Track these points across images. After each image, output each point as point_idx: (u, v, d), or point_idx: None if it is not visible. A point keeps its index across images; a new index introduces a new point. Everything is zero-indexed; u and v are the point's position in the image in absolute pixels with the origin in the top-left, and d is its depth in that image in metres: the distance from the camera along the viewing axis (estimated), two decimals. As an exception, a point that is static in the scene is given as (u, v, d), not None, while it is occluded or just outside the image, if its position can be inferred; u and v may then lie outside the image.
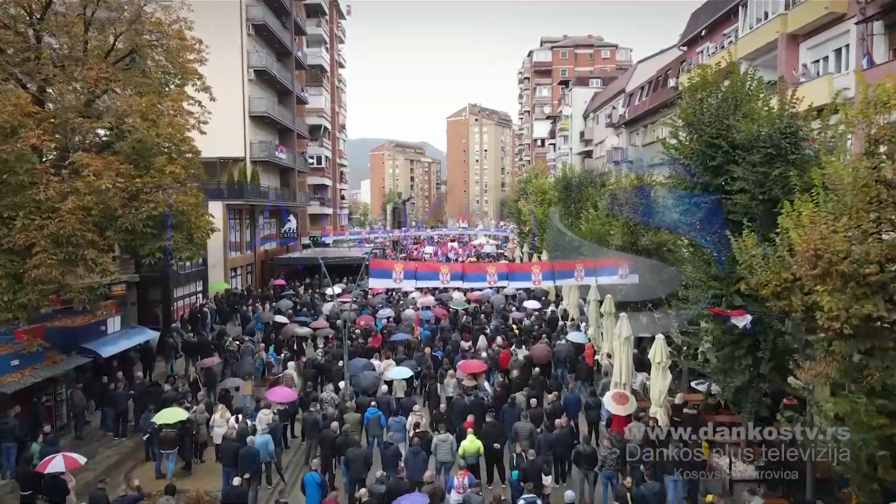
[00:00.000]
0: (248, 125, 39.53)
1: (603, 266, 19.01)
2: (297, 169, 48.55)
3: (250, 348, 23.82)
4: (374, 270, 18.27)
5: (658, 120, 42.46)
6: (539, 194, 45.61)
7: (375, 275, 18.24)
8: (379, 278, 18.21)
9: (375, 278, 18.23)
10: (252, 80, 39.49)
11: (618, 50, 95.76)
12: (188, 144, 19.33)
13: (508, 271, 18.56)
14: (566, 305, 31.46)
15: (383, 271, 18.23)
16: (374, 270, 18.26)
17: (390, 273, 18.11)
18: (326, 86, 62.40)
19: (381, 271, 18.24)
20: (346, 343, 19.28)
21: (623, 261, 18.93)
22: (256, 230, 40.48)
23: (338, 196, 69.07)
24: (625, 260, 18.94)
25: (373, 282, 18.28)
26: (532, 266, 18.83)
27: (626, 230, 19.36)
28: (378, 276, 18.25)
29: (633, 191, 20.07)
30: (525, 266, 18.98)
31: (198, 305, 30.30)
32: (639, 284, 19.93)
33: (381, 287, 23.53)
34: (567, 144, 70.63)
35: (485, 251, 61.25)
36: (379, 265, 18.38)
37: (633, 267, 18.96)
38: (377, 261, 18.04)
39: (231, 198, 35.50)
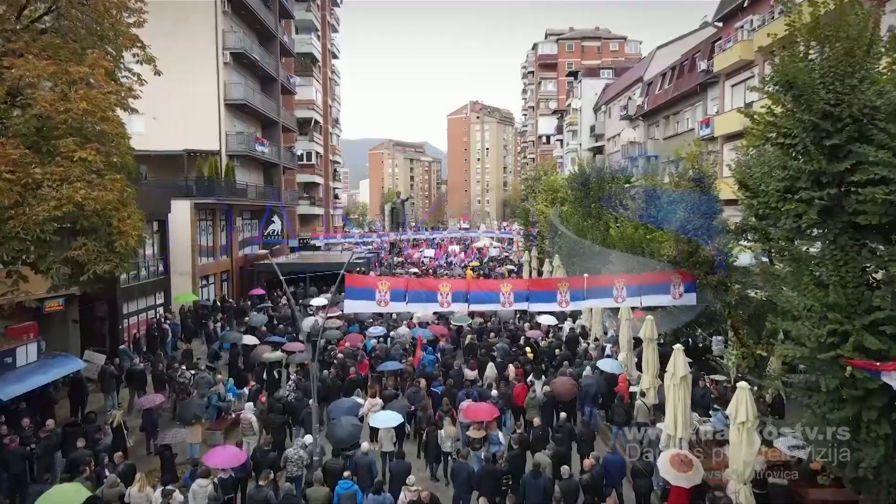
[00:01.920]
0: (224, 114, 35.10)
1: (650, 283, 14.58)
2: (282, 164, 44.08)
3: (206, 380, 19.43)
4: (352, 289, 13.86)
5: (682, 110, 38.10)
6: (549, 192, 41.18)
7: (353, 294, 13.84)
8: (357, 299, 13.79)
9: (353, 300, 13.80)
10: (228, 63, 35.06)
11: (627, 42, 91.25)
12: (112, 124, 14.85)
13: (528, 290, 14.11)
14: (585, 320, 27.09)
15: (363, 290, 13.82)
16: (350, 289, 13.85)
17: (372, 292, 13.73)
18: (318, 76, 57.94)
19: (360, 290, 13.84)
20: (315, 378, 14.82)
21: (676, 276, 14.52)
22: (233, 232, 36.00)
23: (330, 195, 64.59)
24: (679, 275, 14.51)
25: (349, 304, 13.83)
26: (557, 283, 14.37)
27: (681, 237, 14.82)
28: (356, 297, 13.85)
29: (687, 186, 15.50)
30: (548, 283, 14.60)
31: (154, 323, 25.85)
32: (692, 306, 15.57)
33: (360, 311, 18.92)
34: (576, 140, 66.15)
35: (488, 255, 56.80)
36: (357, 282, 13.91)
37: (689, 285, 14.54)
38: (355, 277, 13.78)
39: (201, 196, 31.07)
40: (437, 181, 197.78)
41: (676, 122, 39.63)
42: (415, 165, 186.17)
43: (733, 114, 29.05)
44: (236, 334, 23.68)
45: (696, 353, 19.93)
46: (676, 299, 14.55)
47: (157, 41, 34.45)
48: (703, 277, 14.29)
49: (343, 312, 20.89)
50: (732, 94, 30.23)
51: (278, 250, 44.68)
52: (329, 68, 63.74)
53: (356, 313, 29.28)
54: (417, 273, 44.94)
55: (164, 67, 34.69)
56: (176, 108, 34.00)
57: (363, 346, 23.11)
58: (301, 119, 54.86)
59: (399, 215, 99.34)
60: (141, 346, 24.32)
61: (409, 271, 46.30)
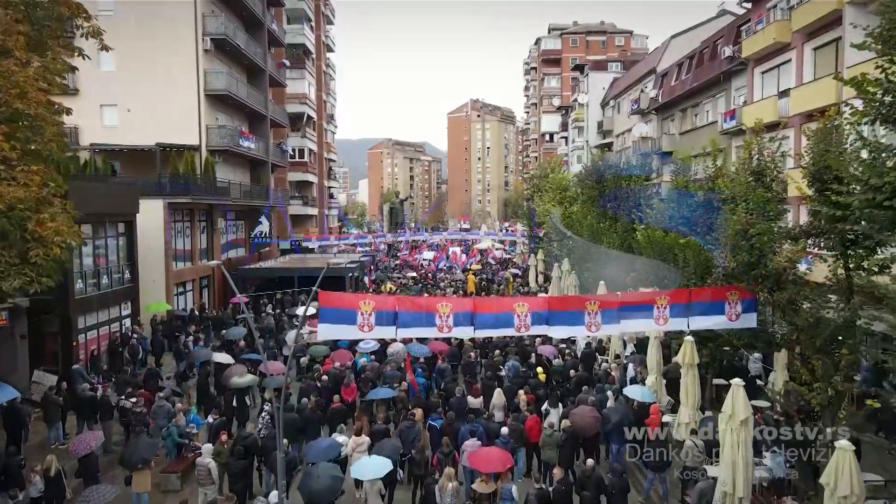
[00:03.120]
0: (205, 105, 32.21)
1: (700, 300, 11.69)
2: (270, 161, 41.17)
3: (165, 409, 16.54)
4: (328, 311, 10.95)
5: (702, 102, 35.18)
6: (557, 191, 38.40)
7: (329, 317, 10.94)
8: (333, 323, 10.89)
9: (328, 323, 10.90)
10: (209, 50, 32.17)
11: (633, 37, 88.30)
12: (30, 104, 11.93)
13: (548, 310, 11.20)
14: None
15: (340, 312, 10.92)
16: (326, 311, 10.95)
17: (353, 315, 10.85)
18: (311, 69, 55.04)
19: (338, 312, 10.93)
20: (280, 410, 11.93)
21: (733, 293, 11.64)
22: (215, 235, 33.10)
23: (325, 194, 61.66)
24: (736, 291, 11.63)
25: (324, 329, 10.91)
26: (584, 302, 11.48)
27: (740, 245, 11.77)
28: (332, 320, 10.95)
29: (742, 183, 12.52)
30: (573, 301, 11.70)
31: (118, 337, 22.94)
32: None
33: (338, 337, 15.96)
34: (582, 137, 63.20)
35: (491, 257, 53.88)
36: (334, 301, 10.97)
37: (748, 303, 11.65)
38: (331, 295, 10.97)
39: (176, 194, 28.17)
40: (438, 181, 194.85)
41: (695, 115, 36.71)
42: (415, 165, 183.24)
43: (764, 104, 26.17)
44: (206, 351, 20.78)
45: (730, 373, 17.09)
46: (733, 321, 11.69)
47: (129, 25, 31.96)
48: (768, 295, 11.39)
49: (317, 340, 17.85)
50: (763, 81, 27.32)
51: (267, 253, 41.83)
52: (323, 61, 60.82)
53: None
54: (415, 277, 42.03)
55: (138, 53, 32.11)
56: (152, 98, 31.29)
57: (352, 365, 20.25)
58: (293, 114, 51.97)
59: (398, 215, 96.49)
60: (100, 365, 21.43)
61: (407, 275, 43.39)
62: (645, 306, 11.51)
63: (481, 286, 37.76)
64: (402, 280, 41.65)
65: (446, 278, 42.21)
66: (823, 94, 21.11)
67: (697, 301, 11.57)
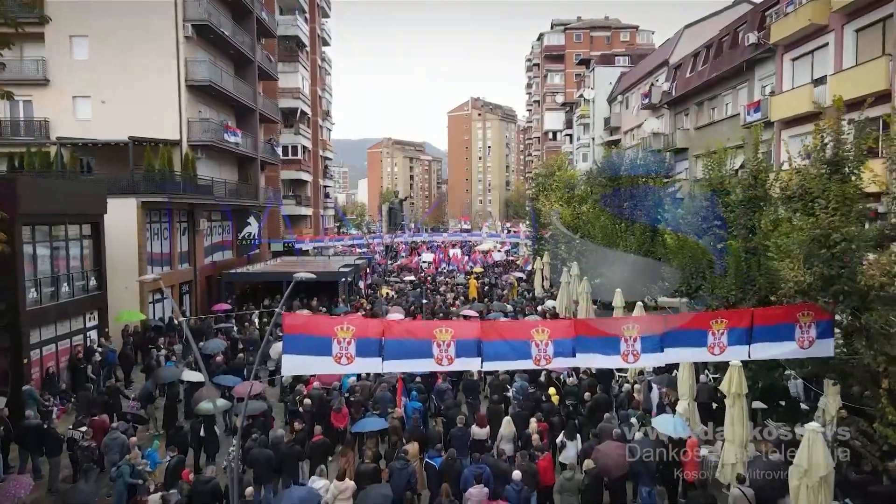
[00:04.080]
0: (186, 97, 29.83)
1: (765, 323, 9.33)
2: (259, 158, 38.76)
3: (119, 441, 14.14)
4: (295, 339, 8.58)
5: (721, 94, 32.80)
6: (565, 190, 35.97)
7: (295, 346, 8.59)
8: (300, 353, 8.53)
9: (295, 354, 8.53)
10: (191, 37, 29.77)
11: (639, 32, 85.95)
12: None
13: (574, 336, 8.83)
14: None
15: (311, 340, 8.56)
16: (292, 339, 8.57)
17: (327, 343, 8.52)
18: (305, 62, 52.63)
19: (307, 340, 8.57)
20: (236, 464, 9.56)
21: (806, 313, 9.27)
22: (198, 237, 30.71)
23: (320, 194, 59.20)
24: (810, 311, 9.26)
25: (289, 363, 8.53)
26: (620, 325, 9.09)
27: (817, 254, 9.29)
28: (300, 349, 8.59)
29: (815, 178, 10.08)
30: (606, 325, 9.27)
31: (79, 352, 20.56)
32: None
33: (307, 372, 13.51)
34: (588, 134, 60.81)
35: (492, 259, 51.45)
36: (302, 326, 8.59)
37: (825, 326, 9.29)
38: (298, 318, 8.75)
39: (151, 193, 25.78)
40: (438, 181, 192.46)
41: (712, 108, 34.32)
42: (415, 164, 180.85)
43: (797, 93, 23.80)
44: (174, 370, 18.36)
45: (769, 394, 14.72)
46: (805, 349, 9.33)
47: (104, 9, 29.45)
48: (854, 316, 9.01)
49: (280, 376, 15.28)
50: (794, 69, 24.93)
51: (257, 256, 39.46)
52: (319, 55, 58.38)
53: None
54: (414, 281, 39.59)
55: (114, 40, 29.65)
56: (129, 89, 28.93)
57: (339, 386, 17.87)
58: (286, 109, 49.65)
59: (397, 216, 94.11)
60: (58, 385, 19.05)
61: (405, 279, 40.96)
62: (697, 332, 9.12)
63: (484, 291, 35.38)
64: (400, 284, 39.25)
65: (447, 282, 39.82)
66: (871, 79, 18.72)
67: (762, 325, 9.19)
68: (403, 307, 28.43)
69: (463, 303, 31.65)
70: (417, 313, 27.94)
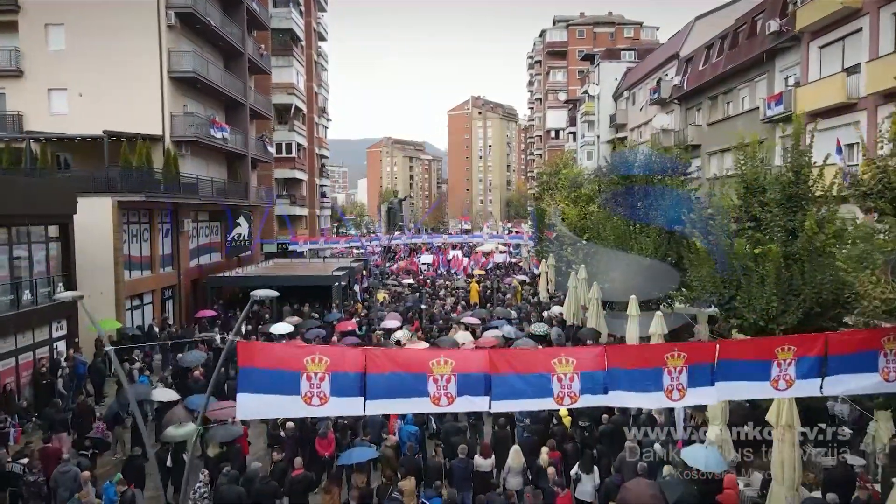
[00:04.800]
0: (169, 90, 28.01)
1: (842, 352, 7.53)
2: (250, 156, 36.93)
3: (71, 474, 12.29)
4: (252, 372, 6.76)
5: (737, 87, 30.99)
6: (571, 189, 34.18)
7: (251, 382, 6.77)
8: (259, 392, 6.72)
9: (252, 393, 6.71)
10: (174, 26, 27.97)
11: (643, 28, 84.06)
12: None
13: (605, 368, 7.03)
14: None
15: (272, 375, 6.75)
16: (249, 372, 6.75)
17: (294, 380, 6.76)
18: (300, 57, 50.78)
19: (268, 375, 6.76)
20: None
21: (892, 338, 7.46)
22: (182, 238, 28.89)
23: (316, 193, 57.34)
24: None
25: (244, 404, 6.70)
26: (664, 354, 7.26)
27: None
28: (259, 388, 6.78)
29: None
30: (645, 353, 7.48)
31: (44, 365, 18.71)
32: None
33: (267, 416, 11.52)
34: (592, 132, 58.95)
35: (494, 261, 49.57)
36: (261, 358, 6.75)
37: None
38: (254, 347, 7.10)
39: (129, 191, 23.96)
40: (438, 180, 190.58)
41: (727, 102, 32.50)
42: (414, 164, 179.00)
43: (826, 83, 21.98)
44: (142, 388, 16.54)
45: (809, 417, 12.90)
46: (891, 381, 7.51)
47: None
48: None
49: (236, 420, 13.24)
50: (822, 57, 23.10)
51: (248, 258, 37.62)
52: (315, 50, 56.55)
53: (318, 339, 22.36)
54: (413, 284, 37.72)
55: (92, 30, 27.81)
56: (108, 81, 27.11)
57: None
58: (280, 105, 47.82)
59: (396, 216, 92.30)
60: (16, 403, 17.22)
61: (403, 282, 39.11)
62: (758, 364, 7.29)
63: (486, 295, 33.54)
64: (398, 288, 37.40)
65: (447, 285, 37.97)
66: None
67: (838, 353, 7.36)
68: (401, 313, 26.65)
69: (464, 308, 29.83)
70: (415, 320, 26.17)
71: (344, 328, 23.35)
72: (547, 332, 22.76)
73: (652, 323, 17.78)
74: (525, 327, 24.00)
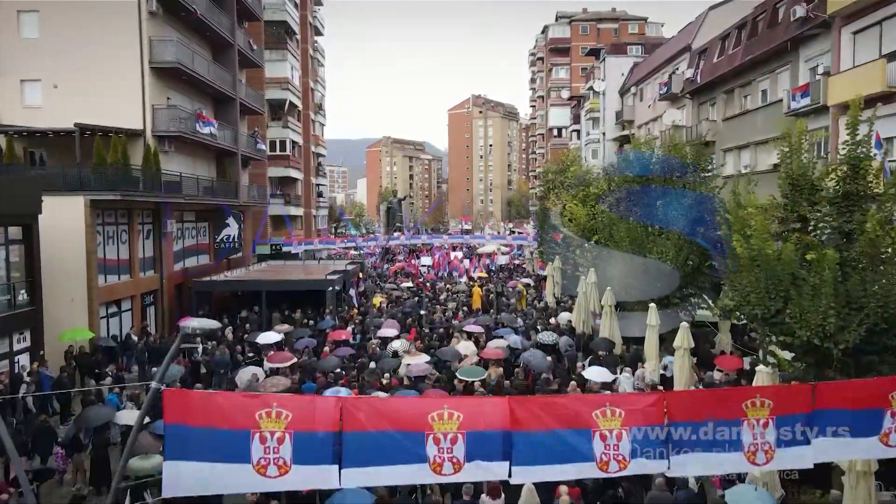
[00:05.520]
0: (151, 82, 26.17)
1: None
2: (240, 153, 35.09)
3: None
4: (179, 432, 4.88)
5: (755, 79, 29.15)
6: (579, 188, 32.33)
7: (180, 448, 4.90)
8: (193, 459, 4.86)
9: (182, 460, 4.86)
10: (156, 13, 26.12)
11: (647, 24, 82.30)
12: None
13: (666, 424, 5.23)
14: (650, 370, 18.25)
15: (210, 436, 4.85)
16: (175, 432, 4.88)
17: (243, 440, 4.86)
18: (295, 51, 48.94)
19: (204, 435, 4.86)
20: None
21: None
22: (165, 240, 27.04)
23: (312, 193, 55.48)
24: None
25: (172, 476, 4.89)
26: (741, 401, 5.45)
27: None
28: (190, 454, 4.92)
29: None
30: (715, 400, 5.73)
31: (2, 382, 16.87)
32: None
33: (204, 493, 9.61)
34: (597, 129, 57.13)
35: (497, 263, 47.70)
36: (198, 414, 4.94)
37: None
38: (183, 396, 5.45)
39: (102, 189, 22.11)
40: (438, 180, 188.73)
41: (744, 95, 30.67)
42: (414, 164, 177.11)
43: (863, 71, 20.14)
44: (106, 410, 14.68)
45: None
46: None
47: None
48: None
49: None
50: (855, 44, 21.27)
51: (239, 261, 35.77)
52: (310, 44, 54.69)
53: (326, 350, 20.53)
54: (412, 288, 35.82)
55: (68, 16, 25.72)
56: (85, 72, 25.28)
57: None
58: (274, 101, 46.00)
59: (395, 215, 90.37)
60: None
61: (402, 285, 37.22)
62: (867, 414, 5.47)
63: (489, 300, 31.69)
64: (397, 291, 35.49)
65: (448, 289, 36.09)
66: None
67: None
68: (399, 319, 24.83)
69: (465, 314, 27.98)
70: (414, 327, 24.34)
71: (337, 337, 21.65)
72: (556, 340, 20.99)
73: (677, 337, 16.06)
74: (532, 336, 22.22)
